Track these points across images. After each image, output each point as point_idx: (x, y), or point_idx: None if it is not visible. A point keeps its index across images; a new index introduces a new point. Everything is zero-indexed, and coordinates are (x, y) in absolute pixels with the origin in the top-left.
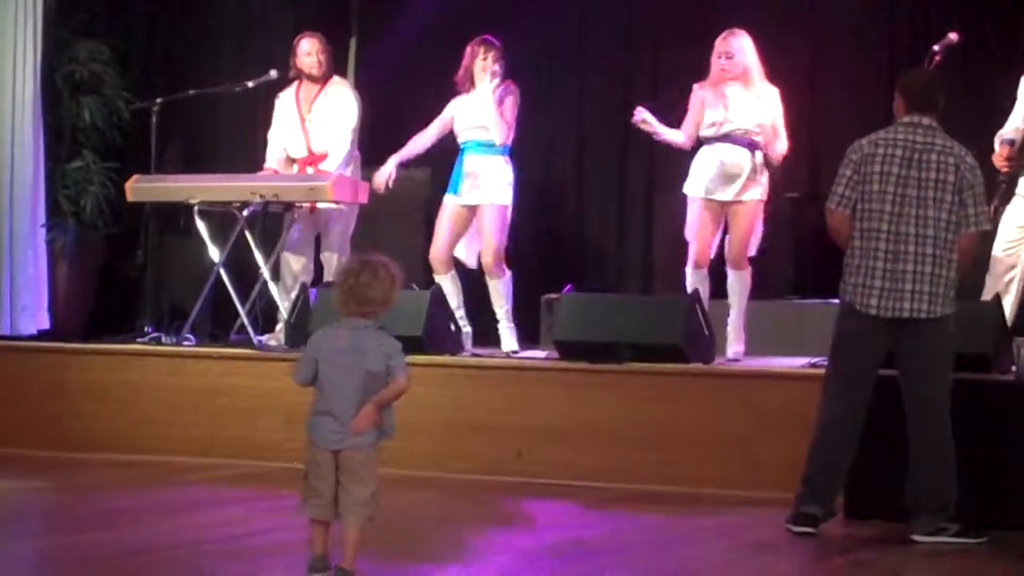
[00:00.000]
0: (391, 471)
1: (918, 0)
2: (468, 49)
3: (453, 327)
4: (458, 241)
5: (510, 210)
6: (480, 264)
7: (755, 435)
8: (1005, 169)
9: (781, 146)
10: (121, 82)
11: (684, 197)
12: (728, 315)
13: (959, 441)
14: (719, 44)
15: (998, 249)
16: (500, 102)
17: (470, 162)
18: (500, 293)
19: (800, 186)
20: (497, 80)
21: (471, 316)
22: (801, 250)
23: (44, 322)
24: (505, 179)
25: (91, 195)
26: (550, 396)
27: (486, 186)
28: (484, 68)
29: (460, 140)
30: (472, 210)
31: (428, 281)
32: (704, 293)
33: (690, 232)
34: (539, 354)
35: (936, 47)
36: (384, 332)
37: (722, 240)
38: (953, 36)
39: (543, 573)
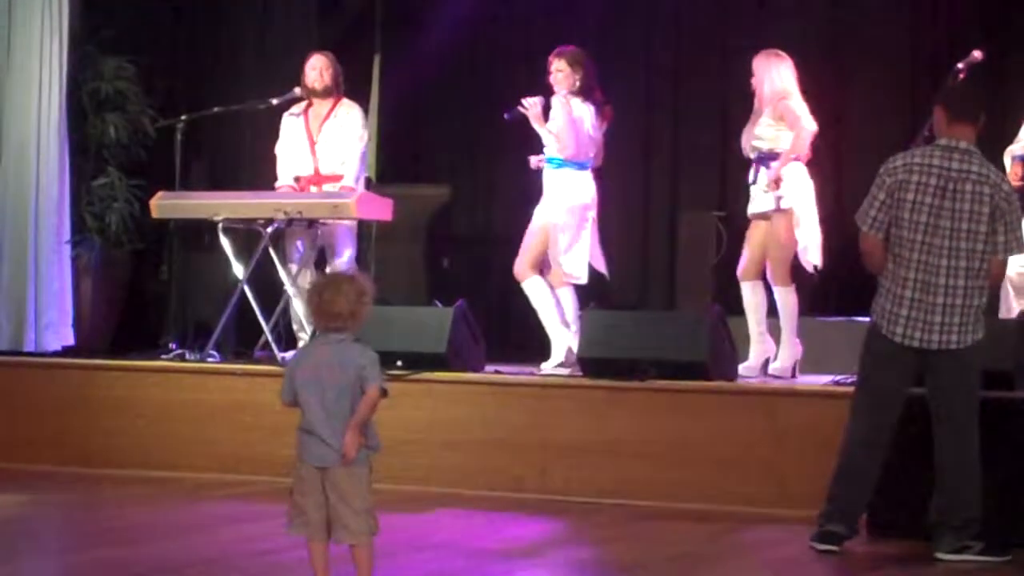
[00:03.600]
0: (413, 488)
1: (940, 18)
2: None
3: (477, 343)
4: (539, 255)
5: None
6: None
7: (779, 453)
8: (1019, 186)
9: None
10: (146, 99)
11: (708, 213)
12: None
13: (983, 459)
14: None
15: (1011, 269)
16: (565, 113)
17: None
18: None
19: (823, 205)
20: (564, 91)
21: (496, 330)
22: (825, 268)
23: (68, 338)
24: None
25: (116, 212)
26: (573, 413)
27: (550, 203)
28: (553, 79)
29: None
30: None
31: (450, 298)
32: (753, 314)
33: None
34: (563, 371)
35: (960, 65)
36: (361, 344)
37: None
38: (977, 54)
39: None
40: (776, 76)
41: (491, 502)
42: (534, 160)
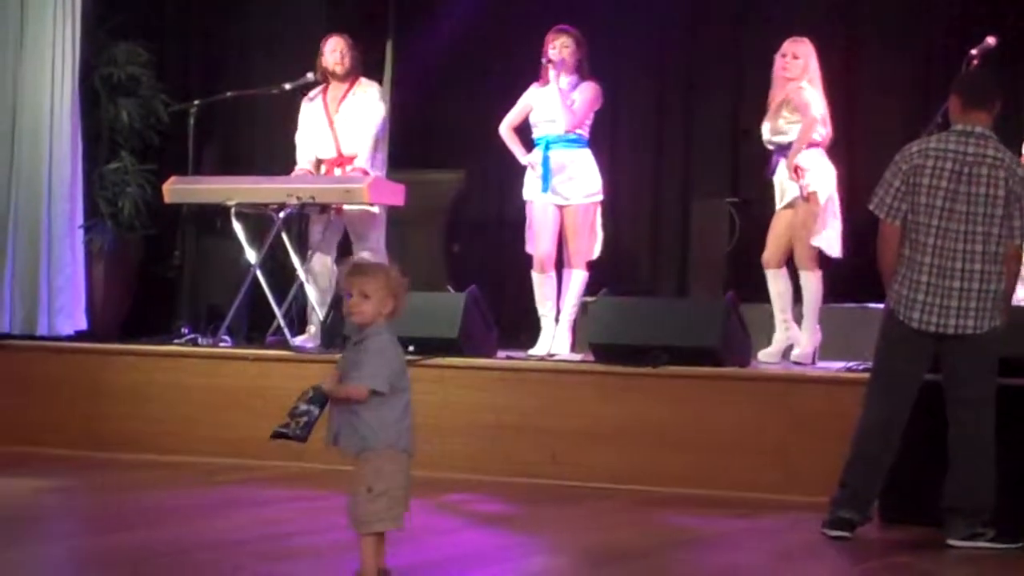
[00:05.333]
0: (424, 473)
1: (954, 5)
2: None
3: (489, 329)
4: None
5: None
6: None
7: (792, 439)
8: None
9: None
10: (159, 84)
11: (721, 200)
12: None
13: (998, 446)
14: (785, 45)
15: None
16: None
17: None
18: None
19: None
20: (568, 68)
21: (509, 316)
22: (841, 255)
23: (81, 323)
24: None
25: (129, 196)
26: (585, 399)
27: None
28: (557, 55)
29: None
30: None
31: (462, 284)
32: (779, 300)
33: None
34: (575, 357)
35: (974, 51)
36: None
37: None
38: (991, 40)
39: None
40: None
41: (503, 487)
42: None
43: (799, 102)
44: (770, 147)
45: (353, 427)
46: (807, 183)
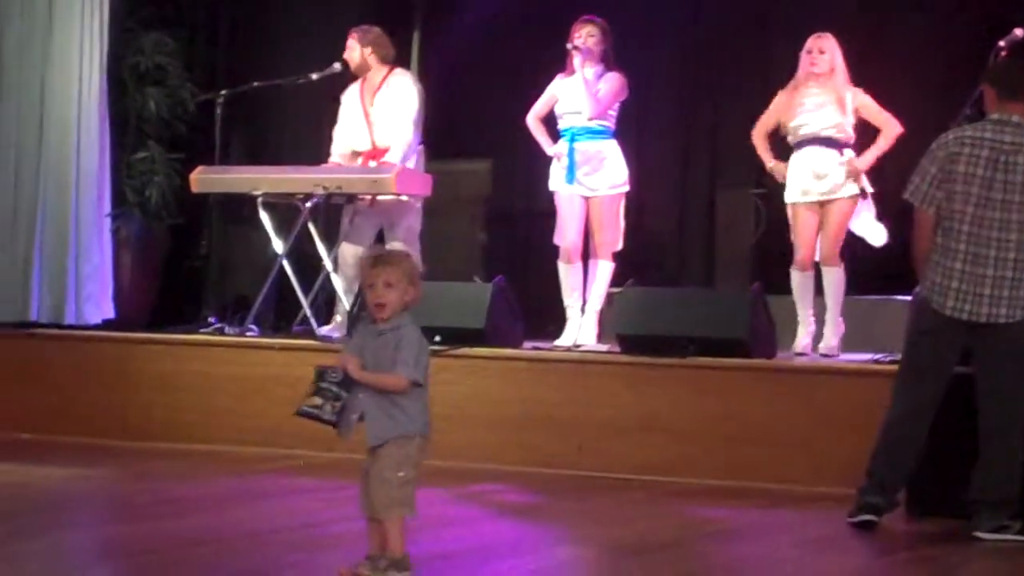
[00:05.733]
0: (450, 463)
1: None
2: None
3: (515, 320)
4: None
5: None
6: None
7: (818, 431)
8: None
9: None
10: (186, 74)
11: (747, 191)
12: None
13: None
14: (810, 42)
15: None
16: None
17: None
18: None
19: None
20: (594, 58)
21: (536, 307)
22: (865, 247)
23: (109, 311)
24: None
25: (156, 186)
26: (611, 390)
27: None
28: (583, 44)
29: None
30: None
31: (489, 274)
32: (809, 296)
33: (793, 235)
34: (601, 347)
35: (1002, 43)
36: None
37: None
38: (1019, 32)
39: (602, 568)
40: (840, 60)
41: (527, 478)
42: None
43: (869, 106)
44: (803, 138)
45: (388, 414)
46: (864, 185)
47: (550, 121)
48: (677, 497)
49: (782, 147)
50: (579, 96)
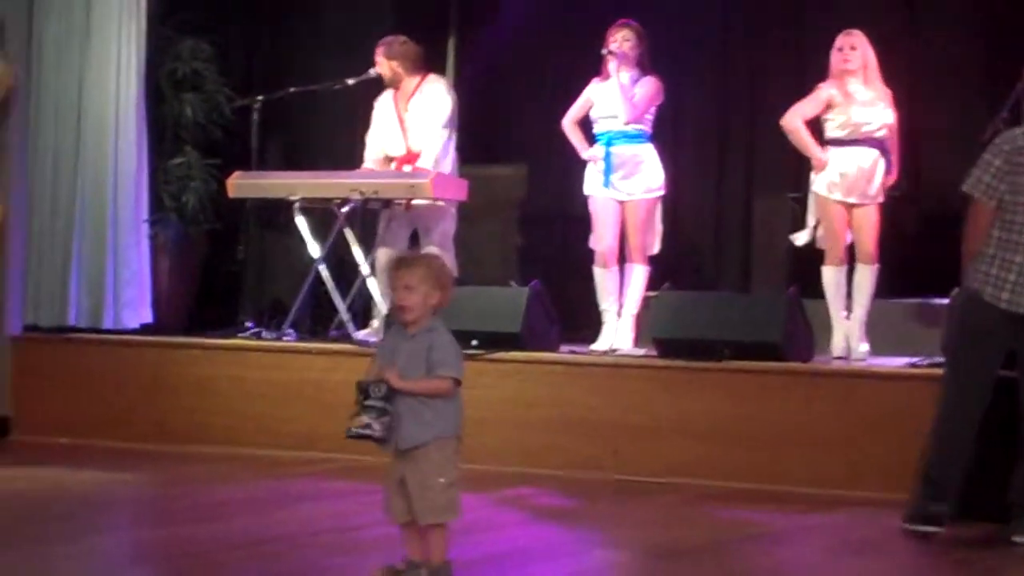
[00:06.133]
0: (486, 467)
1: None
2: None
3: (551, 324)
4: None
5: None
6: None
7: (855, 435)
8: None
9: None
10: (223, 79)
11: (783, 195)
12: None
13: None
14: (840, 39)
15: None
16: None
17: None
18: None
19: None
20: (629, 63)
21: (571, 311)
22: (899, 250)
23: (147, 316)
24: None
25: (193, 191)
26: (647, 394)
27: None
28: (618, 48)
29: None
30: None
31: (525, 279)
32: (841, 291)
33: (823, 230)
34: (637, 351)
35: None
36: None
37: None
38: None
39: (638, 572)
40: (872, 57)
41: (563, 482)
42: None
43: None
44: (845, 136)
45: (421, 417)
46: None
47: (586, 125)
48: (713, 501)
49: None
50: (615, 100)
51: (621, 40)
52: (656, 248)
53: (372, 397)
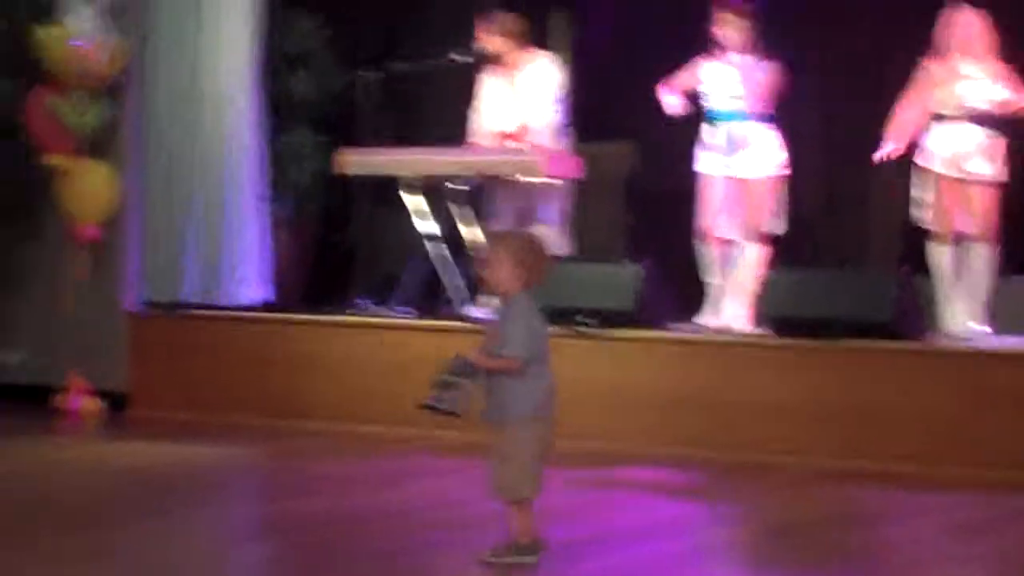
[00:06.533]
0: (597, 445)
1: None
2: None
3: (661, 302)
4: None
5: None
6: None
7: (971, 415)
8: None
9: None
10: (335, 56)
11: (899, 171)
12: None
13: None
14: (947, 15)
15: None
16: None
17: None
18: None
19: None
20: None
21: (684, 288)
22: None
23: (262, 293)
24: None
25: (306, 168)
26: (761, 372)
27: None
28: (727, 30)
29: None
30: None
31: (637, 256)
32: (948, 267)
33: (932, 208)
34: (750, 330)
35: None
36: None
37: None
38: None
39: (755, 548)
40: (979, 32)
41: (677, 460)
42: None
43: (1006, 75)
44: (955, 112)
45: (501, 394)
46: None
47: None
48: (826, 480)
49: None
50: (731, 81)
51: (731, 22)
52: (776, 228)
53: (447, 371)
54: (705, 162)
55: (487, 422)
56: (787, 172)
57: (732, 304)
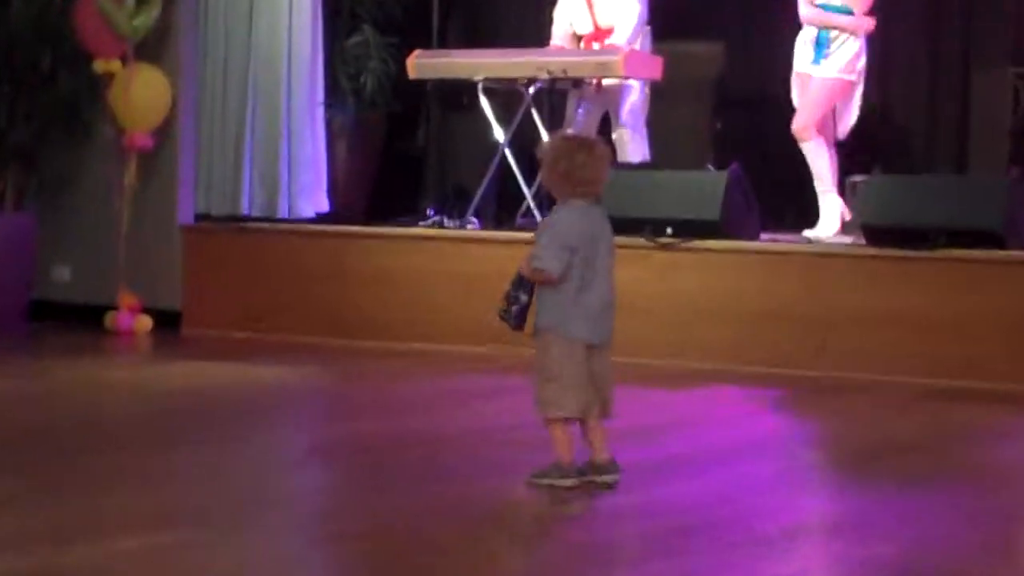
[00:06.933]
0: (681, 363)
1: None
2: None
3: (751, 210)
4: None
5: None
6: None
7: None
8: None
9: None
10: None
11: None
12: None
13: None
14: None
15: None
16: None
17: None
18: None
19: None
20: None
21: (773, 196)
22: None
23: (323, 204)
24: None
25: (371, 72)
26: (855, 285)
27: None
28: None
29: None
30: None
31: (721, 162)
32: None
33: None
34: (844, 239)
35: None
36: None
37: None
38: None
39: (848, 470)
40: None
41: (766, 378)
42: None
43: None
44: None
45: (535, 306)
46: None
47: None
48: (929, 399)
49: None
50: None
51: None
52: (844, 133)
53: (511, 283)
54: (799, 59)
55: (607, 339)
56: (855, 79)
57: (823, 209)
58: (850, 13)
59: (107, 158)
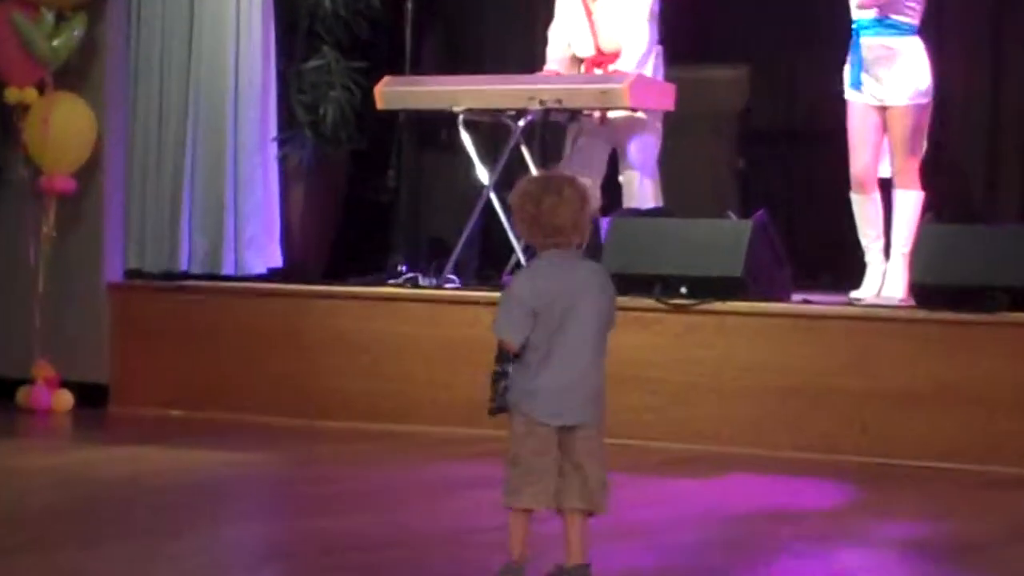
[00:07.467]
0: (700, 447)
1: None
2: None
3: (781, 266)
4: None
5: None
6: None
7: None
8: None
9: None
10: None
11: None
12: None
13: None
14: None
15: None
16: None
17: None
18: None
19: None
20: None
21: (805, 249)
22: None
23: (276, 259)
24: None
25: (332, 101)
26: (903, 354)
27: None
28: None
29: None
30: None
31: (745, 210)
32: None
33: None
34: (890, 300)
35: None
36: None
37: None
38: None
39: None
40: None
41: (796, 465)
42: None
43: None
44: None
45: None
46: None
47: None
48: (991, 489)
49: None
50: None
51: None
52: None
53: (495, 359)
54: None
55: (582, 420)
56: (927, 100)
57: (887, 268)
58: None
59: (21, 204)
